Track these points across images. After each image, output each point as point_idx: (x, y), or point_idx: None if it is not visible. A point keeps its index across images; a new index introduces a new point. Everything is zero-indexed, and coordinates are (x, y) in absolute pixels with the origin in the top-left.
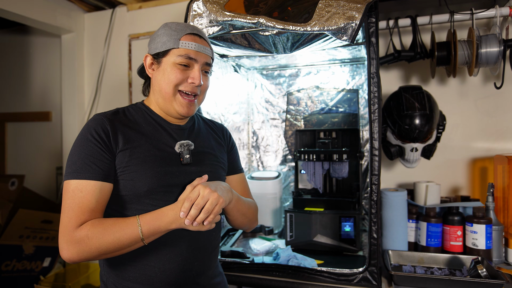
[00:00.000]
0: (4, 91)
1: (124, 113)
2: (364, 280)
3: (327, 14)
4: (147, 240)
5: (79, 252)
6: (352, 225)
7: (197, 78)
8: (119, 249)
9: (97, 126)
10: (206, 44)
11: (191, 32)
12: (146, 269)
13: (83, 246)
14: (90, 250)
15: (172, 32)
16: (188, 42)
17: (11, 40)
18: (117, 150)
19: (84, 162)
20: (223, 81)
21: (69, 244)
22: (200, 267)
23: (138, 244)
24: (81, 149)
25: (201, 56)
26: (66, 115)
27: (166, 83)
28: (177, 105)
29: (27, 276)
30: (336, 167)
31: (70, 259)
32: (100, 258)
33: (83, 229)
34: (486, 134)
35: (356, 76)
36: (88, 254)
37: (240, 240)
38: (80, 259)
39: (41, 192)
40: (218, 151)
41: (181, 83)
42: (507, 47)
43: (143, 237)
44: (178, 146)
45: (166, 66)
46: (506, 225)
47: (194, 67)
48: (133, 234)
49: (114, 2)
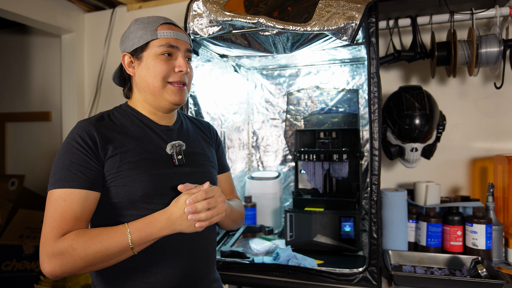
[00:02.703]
0: (4, 91)
1: (110, 117)
2: (364, 280)
3: (327, 14)
4: (137, 249)
5: (62, 265)
6: (352, 225)
7: (184, 65)
8: (107, 259)
9: (83, 132)
10: (182, 32)
11: (165, 21)
12: (146, 276)
13: (67, 257)
14: (75, 261)
15: (146, 25)
16: (165, 31)
17: (11, 40)
18: (106, 157)
19: (68, 170)
20: (223, 81)
21: (50, 256)
22: (201, 271)
23: (127, 253)
24: (66, 157)
25: (181, 43)
26: (66, 115)
27: (153, 77)
28: (168, 94)
29: (27, 276)
30: (336, 167)
31: (52, 273)
32: (85, 271)
33: (66, 239)
34: (486, 134)
35: (356, 76)
36: (73, 266)
37: (240, 240)
38: (64, 273)
39: (41, 192)
40: (208, 150)
41: (169, 74)
42: (507, 47)
43: (132, 246)
44: (170, 147)
45: (149, 60)
46: (506, 225)
47: (178, 55)
48: (122, 243)
49: (114, 2)
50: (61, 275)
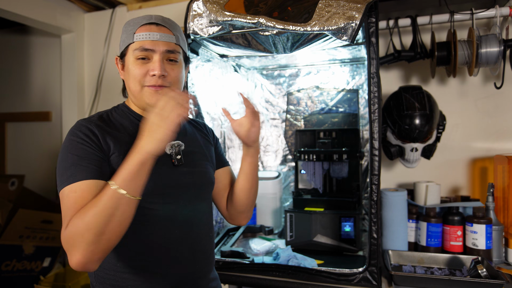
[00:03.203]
0: (4, 91)
1: (109, 117)
2: (364, 280)
3: (327, 14)
4: (129, 191)
5: (79, 250)
6: (352, 225)
7: (157, 68)
8: (109, 218)
9: (83, 128)
10: (166, 31)
11: (147, 22)
12: (146, 276)
13: (77, 238)
14: (83, 238)
15: (129, 27)
16: (142, 33)
17: (11, 40)
18: (110, 153)
19: (76, 165)
20: (223, 81)
21: (68, 248)
22: (201, 270)
23: (123, 201)
24: (71, 152)
25: (159, 44)
26: (66, 115)
27: (132, 82)
28: (146, 97)
29: (27, 276)
30: (336, 167)
31: (77, 262)
32: (102, 246)
33: (70, 223)
34: (486, 134)
35: (356, 76)
36: (87, 245)
37: (240, 240)
38: (86, 257)
39: (41, 192)
40: (206, 148)
41: (143, 78)
42: (507, 47)
43: (119, 188)
44: (169, 147)
45: (128, 64)
46: (506, 225)
47: (153, 58)
48: (112, 192)
49: (114, 2)
50: (86, 261)
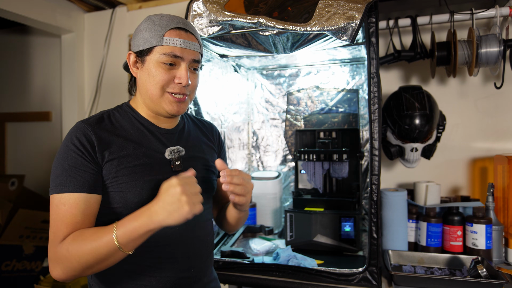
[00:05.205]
0: (4, 91)
1: (110, 118)
2: (364, 280)
3: (327, 14)
4: (125, 248)
5: (63, 269)
6: (352, 225)
7: (184, 77)
8: (99, 261)
9: (80, 135)
10: (193, 39)
11: (176, 26)
12: (141, 279)
13: (65, 261)
14: (71, 264)
15: (156, 27)
16: (172, 38)
17: (11, 40)
18: (104, 161)
19: (67, 174)
20: (223, 81)
21: (53, 262)
22: (196, 274)
23: (117, 254)
24: (64, 160)
25: (187, 53)
26: (66, 115)
27: (152, 85)
28: (165, 104)
29: (27, 276)
30: (336, 167)
31: (57, 277)
32: (85, 273)
33: (64, 243)
34: (486, 134)
35: (356, 76)
36: (71, 269)
37: (240, 240)
38: (67, 276)
39: (41, 192)
40: (208, 154)
41: (168, 84)
42: (507, 47)
43: (119, 244)
44: (169, 152)
45: (150, 66)
46: (506, 225)
47: (181, 66)
48: (110, 242)
49: (114, 2)
50: (65, 279)
